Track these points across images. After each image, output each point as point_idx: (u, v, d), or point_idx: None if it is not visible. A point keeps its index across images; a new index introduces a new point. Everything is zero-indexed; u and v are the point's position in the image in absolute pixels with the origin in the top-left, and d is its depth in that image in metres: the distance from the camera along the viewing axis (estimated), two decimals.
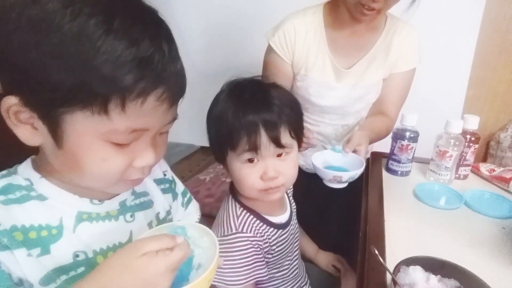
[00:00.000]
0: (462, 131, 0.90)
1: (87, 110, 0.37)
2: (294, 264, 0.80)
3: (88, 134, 0.39)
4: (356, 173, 0.82)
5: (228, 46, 1.99)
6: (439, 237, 0.72)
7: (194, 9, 1.96)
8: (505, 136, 1.73)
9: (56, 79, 0.36)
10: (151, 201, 0.58)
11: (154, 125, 0.43)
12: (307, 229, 1.02)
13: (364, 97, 1.03)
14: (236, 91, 0.65)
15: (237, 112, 0.61)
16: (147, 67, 0.38)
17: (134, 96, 0.38)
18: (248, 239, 0.66)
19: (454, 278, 0.53)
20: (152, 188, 0.60)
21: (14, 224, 0.41)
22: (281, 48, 0.99)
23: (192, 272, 0.44)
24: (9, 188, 0.43)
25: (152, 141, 0.45)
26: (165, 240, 0.39)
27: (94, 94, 0.37)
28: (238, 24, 1.91)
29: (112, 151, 0.41)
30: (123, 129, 0.40)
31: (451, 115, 0.92)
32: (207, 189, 1.96)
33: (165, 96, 0.41)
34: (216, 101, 0.66)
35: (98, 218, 0.49)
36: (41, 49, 0.35)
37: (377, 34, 1.00)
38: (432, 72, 1.71)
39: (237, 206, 0.70)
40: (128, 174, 0.45)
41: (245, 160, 0.63)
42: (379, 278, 0.59)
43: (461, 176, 0.97)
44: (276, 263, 0.74)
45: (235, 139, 0.61)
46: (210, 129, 0.67)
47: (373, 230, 0.73)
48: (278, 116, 0.62)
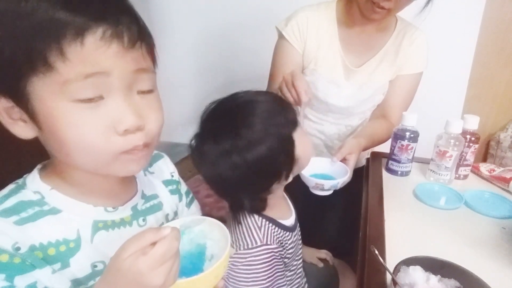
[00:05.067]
0: (462, 131, 0.90)
1: (38, 72, 0.37)
2: (299, 263, 0.80)
3: (50, 99, 0.38)
4: (338, 182, 0.80)
5: (228, 47, 1.99)
6: (439, 237, 0.72)
7: (193, 9, 1.96)
8: (505, 136, 1.73)
9: (5, 53, 0.36)
10: (160, 203, 0.58)
11: (110, 69, 0.39)
12: (307, 229, 1.02)
13: (371, 98, 1.03)
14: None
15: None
16: (78, 6, 0.37)
17: (70, 38, 0.36)
18: (273, 250, 0.66)
19: (454, 278, 0.53)
20: (161, 189, 0.60)
21: (32, 244, 0.41)
22: (294, 36, 0.98)
23: (205, 263, 0.46)
24: (20, 206, 0.43)
25: (126, 98, 0.41)
26: (146, 237, 0.37)
27: (31, 51, 0.36)
28: (239, 24, 1.91)
29: (83, 112, 0.39)
30: (73, 76, 0.37)
31: (451, 115, 0.92)
32: (207, 189, 1.95)
33: (110, 34, 0.38)
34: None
35: (113, 226, 0.48)
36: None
37: (388, 36, 0.99)
38: (432, 72, 1.70)
39: (256, 216, 0.67)
40: (118, 144, 0.41)
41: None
42: (379, 278, 0.59)
43: (461, 176, 0.97)
44: (288, 265, 0.74)
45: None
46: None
47: (373, 230, 0.73)
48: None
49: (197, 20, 1.97)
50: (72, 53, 0.37)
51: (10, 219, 0.41)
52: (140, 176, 0.57)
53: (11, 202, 0.43)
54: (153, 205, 0.56)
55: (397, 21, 1.00)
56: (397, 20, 1.00)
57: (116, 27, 0.39)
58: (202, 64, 2.06)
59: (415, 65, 1.01)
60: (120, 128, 0.41)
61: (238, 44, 1.91)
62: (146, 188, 0.56)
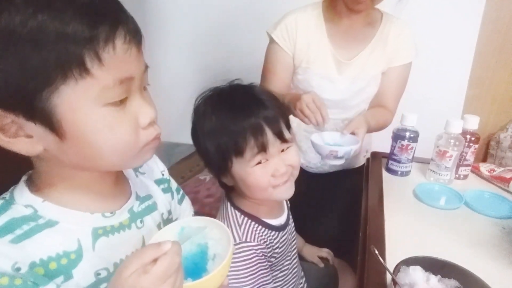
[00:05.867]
0: (462, 131, 0.90)
1: (69, 80, 0.36)
2: (294, 263, 0.80)
3: (83, 106, 0.38)
4: (351, 149, 0.84)
5: (225, 47, 1.99)
6: (439, 237, 0.72)
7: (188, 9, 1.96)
8: (505, 136, 1.73)
9: (32, 62, 0.35)
10: (155, 203, 0.58)
11: (135, 71, 0.42)
12: (307, 228, 1.02)
13: (364, 90, 1.05)
14: (223, 100, 0.65)
15: (236, 117, 0.61)
16: (98, 12, 0.37)
17: (103, 44, 0.37)
18: (253, 248, 0.66)
19: (454, 278, 0.54)
20: (154, 189, 0.60)
21: (32, 261, 0.40)
22: (283, 39, 1.02)
23: (209, 263, 0.45)
24: (14, 224, 0.40)
25: (141, 95, 0.44)
26: (147, 254, 0.37)
27: (67, 58, 0.35)
28: (236, 24, 1.91)
29: (114, 116, 0.40)
30: (111, 82, 0.38)
31: (451, 115, 0.92)
32: (207, 189, 1.95)
33: (129, 37, 0.39)
34: (202, 116, 0.65)
35: (113, 231, 0.48)
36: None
37: (375, 29, 1.03)
38: (432, 72, 1.71)
39: (237, 214, 0.69)
40: (143, 137, 0.44)
41: (255, 164, 0.63)
42: (379, 278, 0.59)
43: (461, 176, 0.97)
44: (278, 265, 0.74)
45: (241, 145, 0.61)
46: (205, 145, 0.65)
47: (373, 230, 0.73)
48: (274, 112, 0.63)
49: (193, 20, 1.97)
50: (106, 58, 0.37)
51: (5, 238, 0.39)
52: (132, 177, 0.57)
53: (3, 220, 0.40)
54: (149, 206, 0.56)
55: (382, 15, 1.05)
56: (382, 14, 1.05)
57: (131, 30, 0.40)
58: (201, 65, 2.06)
59: (404, 56, 1.05)
60: (144, 122, 0.43)
61: (238, 45, 1.91)
62: (139, 189, 0.56)
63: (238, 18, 1.88)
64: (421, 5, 1.61)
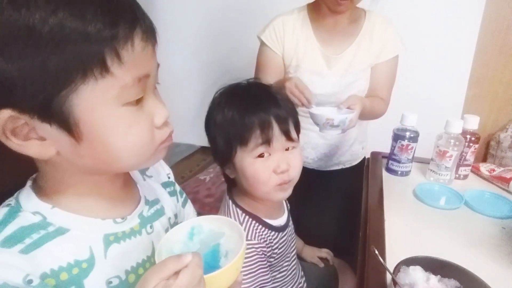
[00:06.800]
0: (462, 131, 0.90)
1: (89, 79, 0.35)
2: (293, 265, 0.80)
3: (102, 106, 0.37)
4: (347, 117, 0.89)
5: (228, 47, 1.99)
6: (439, 237, 0.72)
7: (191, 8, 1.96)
8: (505, 136, 1.73)
9: (51, 63, 0.33)
10: (162, 207, 0.57)
11: (151, 68, 0.41)
12: (307, 228, 1.02)
13: (354, 84, 1.08)
14: (237, 94, 0.67)
15: (247, 111, 0.63)
16: (117, 9, 0.36)
17: (123, 42, 0.36)
18: (253, 246, 0.66)
19: (454, 278, 0.53)
20: (161, 193, 0.59)
21: (43, 272, 0.38)
22: (272, 40, 1.08)
23: (221, 260, 0.45)
24: (22, 232, 0.38)
25: (155, 94, 0.44)
26: (168, 267, 0.36)
27: (88, 57, 0.34)
28: (237, 24, 1.91)
29: (132, 115, 0.39)
30: (130, 80, 0.37)
31: (451, 115, 0.92)
32: (207, 189, 1.96)
33: (146, 34, 0.39)
34: (217, 108, 0.67)
35: (124, 237, 0.47)
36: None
37: (360, 25, 1.08)
38: (432, 72, 1.71)
39: (238, 212, 0.69)
40: (158, 136, 0.43)
41: (256, 155, 0.64)
42: (379, 278, 0.59)
43: (461, 176, 0.97)
44: (276, 266, 0.74)
45: (247, 135, 0.63)
46: (215, 133, 0.67)
47: (373, 230, 0.73)
48: (286, 111, 0.65)
49: (193, 20, 1.97)
50: (125, 56, 0.36)
51: (15, 248, 0.37)
52: (140, 181, 0.56)
53: (11, 229, 0.38)
54: (157, 210, 0.55)
55: (365, 12, 1.09)
56: (366, 12, 1.09)
57: (148, 28, 0.39)
58: (202, 66, 2.06)
59: (390, 50, 1.08)
60: (160, 121, 0.42)
61: (239, 45, 1.91)
62: (148, 193, 0.55)
63: (239, 19, 1.88)
64: (421, 5, 1.61)
